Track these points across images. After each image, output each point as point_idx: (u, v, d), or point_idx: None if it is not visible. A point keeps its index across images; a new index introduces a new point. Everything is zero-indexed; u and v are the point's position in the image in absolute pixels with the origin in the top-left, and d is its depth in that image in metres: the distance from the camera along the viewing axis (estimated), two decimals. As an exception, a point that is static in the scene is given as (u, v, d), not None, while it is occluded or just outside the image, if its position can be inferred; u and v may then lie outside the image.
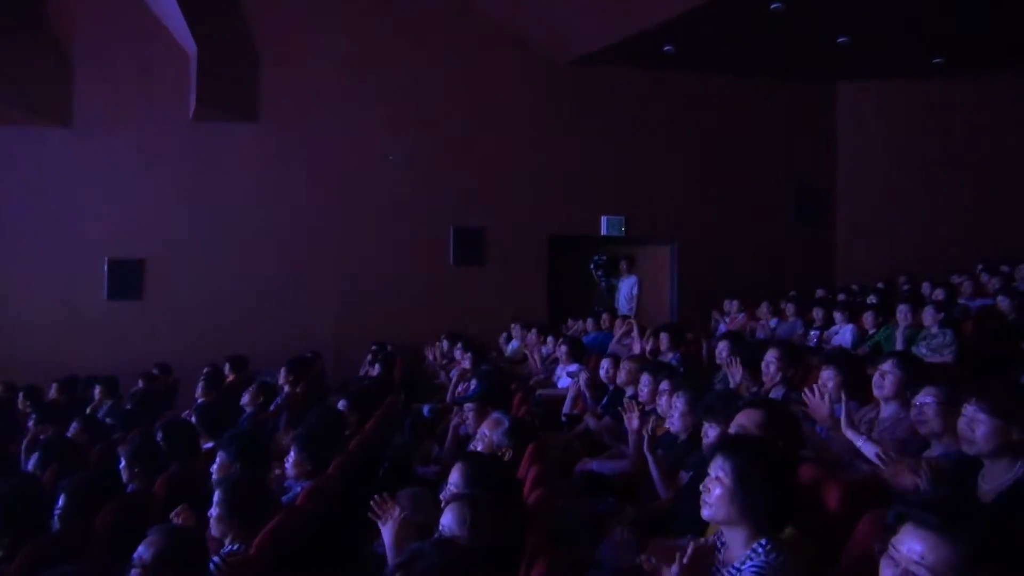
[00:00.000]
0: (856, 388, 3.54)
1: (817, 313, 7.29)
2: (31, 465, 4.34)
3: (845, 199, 11.15)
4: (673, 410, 3.58)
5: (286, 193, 9.81)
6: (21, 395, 7.02)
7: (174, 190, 9.63)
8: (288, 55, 9.83)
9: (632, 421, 3.60)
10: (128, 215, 9.55)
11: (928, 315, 5.93)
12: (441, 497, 2.60)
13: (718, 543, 2.15)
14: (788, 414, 2.72)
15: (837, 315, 6.95)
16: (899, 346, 5.81)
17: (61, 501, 3.23)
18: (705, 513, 2.05)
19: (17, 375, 8.04)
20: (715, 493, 2.01)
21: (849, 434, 2.81)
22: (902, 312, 6.08)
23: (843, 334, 6.66)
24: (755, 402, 2.81)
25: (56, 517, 3.21)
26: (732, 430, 2.56)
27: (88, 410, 6.62)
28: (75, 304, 9.39)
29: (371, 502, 2.55)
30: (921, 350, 5.57)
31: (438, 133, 10.11)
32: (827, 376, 3.55)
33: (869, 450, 2.71)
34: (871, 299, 7.70)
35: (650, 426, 3.37)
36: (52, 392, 7.32)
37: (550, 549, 2.17)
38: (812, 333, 7.09)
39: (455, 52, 10.15)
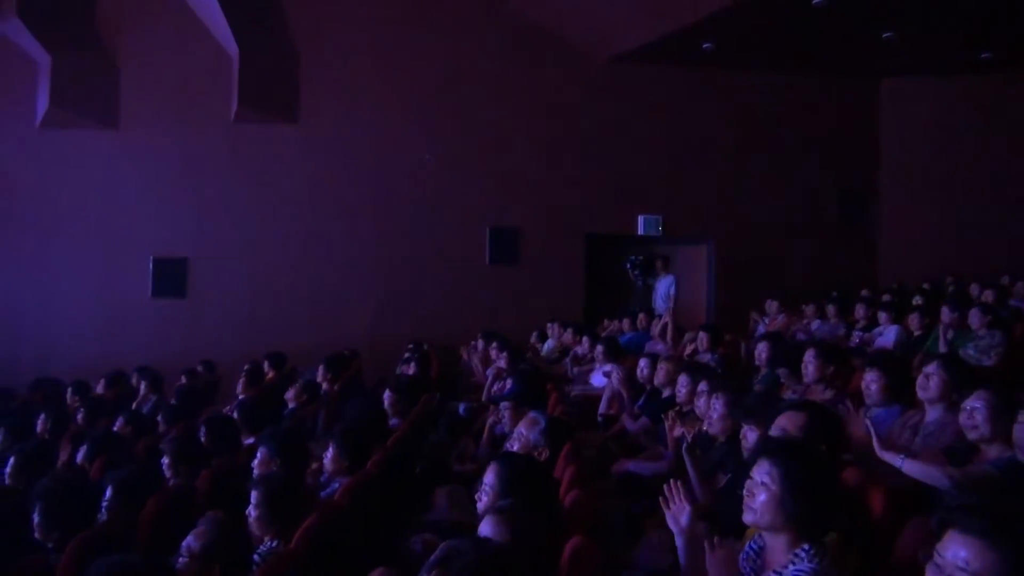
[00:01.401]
0: (900, 391, 3.47)
1: (860, 313, 7.14)
2: (79, 458, 4.46)
3: (889, 198, 10.90)
4: (712, 411, 3.54)
5: (324, 193, 9.94)
6: (70, 390, 7.22)
7: (216, 190, 9.83)
8: (327, 57, 9.95)
9: (672, 428, 3.56)
10: (172, 215, 9.77)
11: (975, 317, 5.78)
12: (476, 496, 2.61)
13: (753, 547, 2.12)
14: (831, 417, 2.67)
15: (881, 316, 6.80)
16: (941, 347, 5.67)
17: (108, 493, 3.32)
18: (747, 518, 2.00)
19: (65, 370, 8.29)
20: (760, 499, 1.95)
21: (887, 456, 2.69)
22: (945, 313, 5.93)
23: (887, 335, 6.51)
24: (796, 404, 2.77)
25: (103, 509, 3.29)
26: (773, 433, 2.52)
27: (133, 405, 6.79)
28: (121, 302, 9.65)
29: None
30: (969, 351, 5.43)
31: (475, 132, 10.15)
32: (870, 378, 3.48)
33: (913, 470, 2.60)
34: (916, 300, 7.53)
35: (691, 434, 3.33)
36: (99, 387, 7.52)
37: (586, 550, 2.16)
38: (855, 334, 6.94)
39: (492, 52, 10.17)
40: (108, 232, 9.70)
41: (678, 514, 2.13)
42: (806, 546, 1.90)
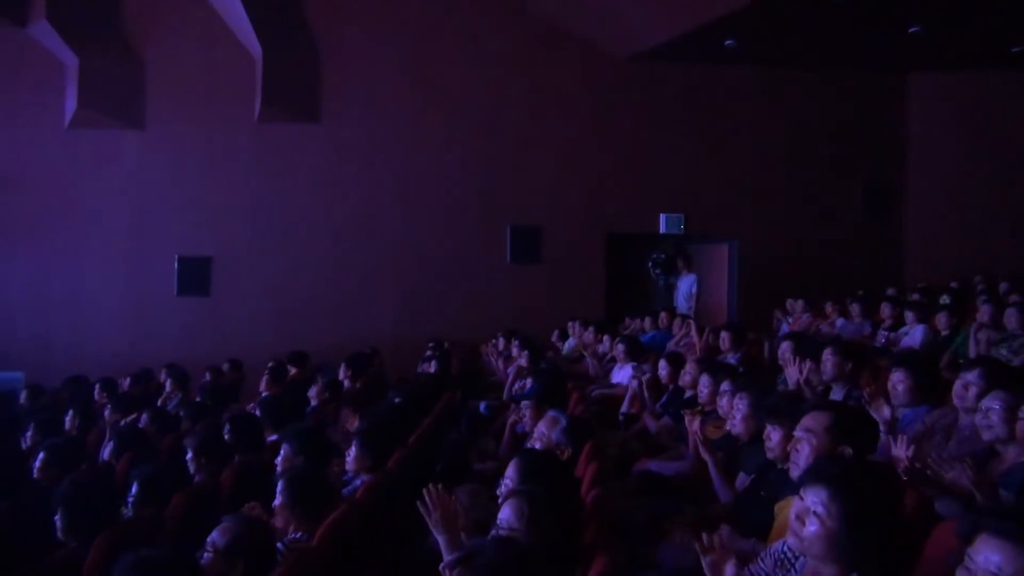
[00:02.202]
0: (928, 391, 3.42)
1: (886, 312, 7.04)
2: (106, 454, 4.52)
3: (915, 195, 10.73)
4: (735, 412, 3.50)
5: (346, 192, 10.00)
6: (97, 387, 7.32)
7: (239, 190, 9.93)
8: (349, 56, 10.01)
9: (693, 425, 3.54)
10: (196, 214, 9.89)
11: (1012, 317, 5.65)
12: (498, 493, 2.61)
13: (789, 554, 2.05)
14: (858, 416, 2.63)
15: (908, 315, 6.69)
16: (972, 348, 5.56)
17: (134, 489, 3.36)
18: (792, 543, 1.84)
19: (93, 367, 8.42)
20: (810, 529, 1.76)
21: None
22: (984, 312, 5.80)
23: (913, 335, 6.41)
24: (822, 404, 2.73)
25: (129, 504, 3.33)
26: (798, 433, 2.49)
27: (159, 402, 6.87)
28: (148, 300, 9.80)
29: (424, 493, 2.53)
30: (1001, 352, 5.32)
31: (496, 131, 10.15)
32: (897, 378, 3.43)
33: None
34: (944, 299, 7.40)
35: (713, 434, 3.30)
36: (126, 384, 7.63)
37: (608, 548, 2.15)
38: (881, 333, 6.84)
39: (514, 50, 10.17)
40: (134, 231, 9.84)
41: (720, 563, 1.92)
42: None
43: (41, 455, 4.12)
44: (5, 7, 9.30)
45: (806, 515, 1.77)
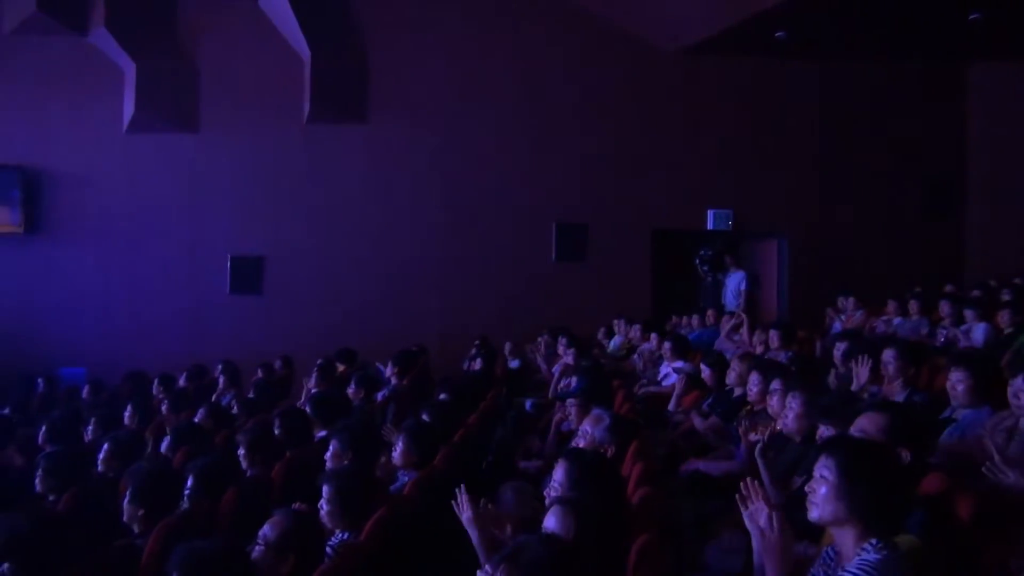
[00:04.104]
0: (989, 392, 3.29)
1: (945, 310, 6.81)
2: (163, 448, 4.66)
3: (976, 189, 10.35)
4: (788, 411, 3.43)
5: (393, 191, 10.11)
6: (155, 382, 7.55)
7: (290, 190, 10.13)
8: (395, 57, 10.11)
9: (749, 436, 3.47)
10: (248, 214, 10.12)
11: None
12: (545, 493, 2.61)
13: (831, 552, 2.06)
14: (914, 418, 2.55)
15: (968, 313, 6.47)
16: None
17: (190, 482, 3.46)
18: (813, 514, 2.02)
19: (151, 363, 8.68)
20: (820, 492, 1.99)
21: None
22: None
23: (975, 333, 6.20)
24: (878, 405, 2.65)
25: (185, 497, 3.43)
26: (853, 433, 2.43)
27: (213, 397, 7.05)
28: (202, 298, 10.06)
29: (457, 492, 2.60)
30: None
31: (541, 128, 10.13)
32: (957, 379, 3.31)
33: None
34: (1006, 295, 7.13)
35: (765, 433, 3.24)
36: (181, 380, 7.85)
37: (655, 548, 2.13)
38: (940, 331, 6.62)
39: (559, 47, 10.14)
40: (189, 231, 10.11)
41: (756, 514, 2.10)
42: (873, 540, 1.90)
43: (105, 447, 4.27)
44: (68, 17, 9.67)
45: (816, 483, 2.01)
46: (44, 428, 5.29)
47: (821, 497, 1.98)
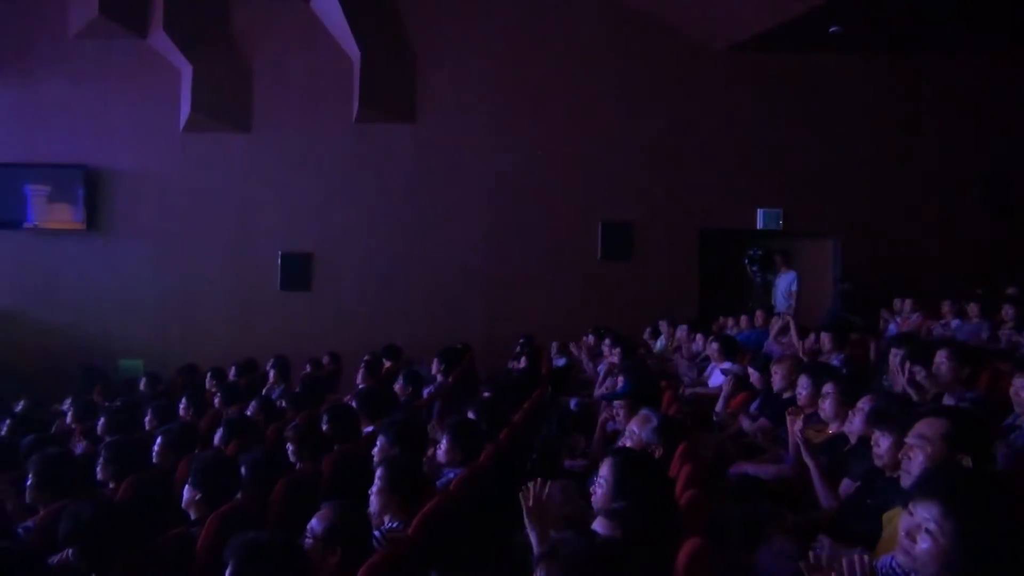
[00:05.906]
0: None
1: (1008, 313, 6.57)
2: (216, 440, 4.78)
3: (1042, 185, 9.93)
4: (857, 412, 3.33)
5: (440, 190, 10.19)
6: (208, 376, 7.75)
7: (339, 188, 10.29)
8: (443, 56, 10.19)
9: (795, 425, 3.40)
10: (298, 212, 10.32)
11: None
12: (591, 490, 2.59)
13: (897, 570, 1.95)
14: (977, 424, 2.46)
15: (1032, 317, 6.23)
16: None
17: (243, 474, 3.54)
18: (901, 560, 1.75)
19: (204, 356, 8.92)
20: (921, 547, 1.65)
21: None
22: None
23: (1039, 338, 5.96)
24: (938, 409, 2.57)
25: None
26: (911, 440, 2.35)
27: (263, 391, 7.19)
28: (253, 294, 10.30)
29: (527, 485, 2.56)
30: None
31: (588, 127, 10.09)
32: (1020, 385, 3.19)
33: None
34: (1074, 299, 6.84)
35: (819, 438, 3.17)
36: (232, 374, 8.03)
37: (704, 551, 2.10)
38: (1003, 335, 6.39)
39: (607, 45, 10.08)
40: (242, 228, 10.35)
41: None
42: None
43: (159, 439, 4.39)
44: (128, 20, 9.99)
45: (917, 532, 1.66)
46: (103, 419, 5.48)
47: (921, 552, 1.64)
